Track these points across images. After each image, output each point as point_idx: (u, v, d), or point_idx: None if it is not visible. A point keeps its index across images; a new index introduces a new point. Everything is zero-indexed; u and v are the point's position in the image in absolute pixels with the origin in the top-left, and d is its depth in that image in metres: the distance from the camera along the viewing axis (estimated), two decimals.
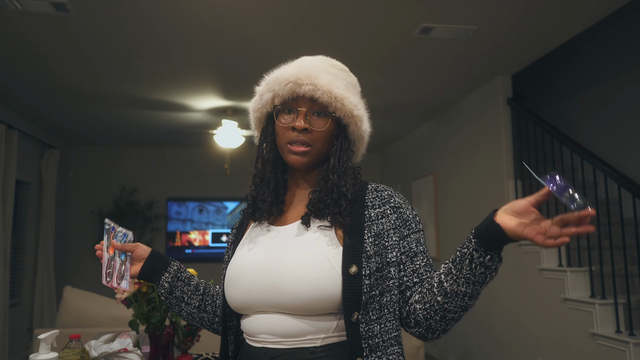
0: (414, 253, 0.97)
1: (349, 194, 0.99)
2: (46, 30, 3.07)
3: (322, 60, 1.06)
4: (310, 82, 0.98)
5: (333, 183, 1.00)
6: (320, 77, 0.99)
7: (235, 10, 2.86)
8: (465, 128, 4.62)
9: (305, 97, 0.99)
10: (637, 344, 2.72)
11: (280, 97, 1.01)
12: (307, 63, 1.03)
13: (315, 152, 1.01)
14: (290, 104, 1.01)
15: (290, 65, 1.04)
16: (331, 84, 0.99)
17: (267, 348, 0.93)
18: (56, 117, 5.13)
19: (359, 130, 1.04)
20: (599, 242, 3.13)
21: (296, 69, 1.01)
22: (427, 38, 3.24)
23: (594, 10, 2.92)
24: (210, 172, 6.76)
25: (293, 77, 0.99)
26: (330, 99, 0.98)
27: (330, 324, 0.92)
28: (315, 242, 0.95)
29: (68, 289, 3.09)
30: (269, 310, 0.94)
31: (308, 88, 0.98)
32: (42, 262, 5.31)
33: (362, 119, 1.04)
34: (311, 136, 0.99)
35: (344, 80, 1.04)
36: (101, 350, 1.44)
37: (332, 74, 1.02)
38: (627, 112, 4.03)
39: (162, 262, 1.12)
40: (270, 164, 1.06)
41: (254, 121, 1.10)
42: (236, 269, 1.00)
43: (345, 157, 1.02)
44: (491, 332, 4.19)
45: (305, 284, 0.89)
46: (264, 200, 1.04)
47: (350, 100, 1.01)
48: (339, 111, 1.00)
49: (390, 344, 0.93)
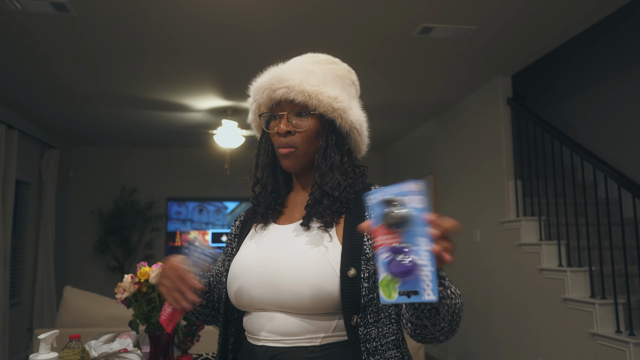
0: None
1: (337, 191, 0.97)
2: (46, 30, 3.07)
3: (303, 60, 1.06)
4: (282, 84, 0.99)
5: (315, 182, 1.00)
6: (291, 77, 0.99)
7: (236, 10, 2.86)
8: (465, 128, 4.63)
9: (283, 100, 1.00)
10: (637, 344, 2.72)
11: (263, 105, 1.03)
12: (282, 67, 1.04)
13: (302, 152, 1.01)
14: (274, 110, 1.02)
15: (266, 72, 1.05)
16: (303, 82, 0.98)
17: (267, 346, 0.94)
18: (56, 117, 5.13)
19: (346, 122, 1.01)
20: (599, 242, 3.13)
21: (269, 75, 1.02)
22: (427, 38, 3.24)
23: (594, 10, 2.92)
24: (210, 172, 6.75)
25: (267, 83, 1.01)
26: (305, 97, 0.98)
27: (330, 323, 0.92)
28: (315, 242, 0.95)
29: (68, 289, 3.09)
30: (269, 309, 0.94)
31: (282, 91, 0.99)
32: (42, 262, 5.31)
33: (345, 110, 1.00)
34: (295, 138, 1.00)
35: (321, 75, 1.01)
36: (101, 351, 1.44)
37: (307, 71, 1.01)
38: (627, 112, 4.03)
39: None
40: (267, 168, 1.08)
41: (255, 130, 1.13)
42: (239, 266, 1.01)
43: (331, 153, 1.00)
44: (491, 332, 4.19)
45: (304, 283, 0.89)
46: (260, 205, 1.07)
47: (327, 94, 0.99)
48: (317, 107, 0.99)
49: (388, 347, 0.92)
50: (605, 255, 3.31)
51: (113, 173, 6.64)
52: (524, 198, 3.89)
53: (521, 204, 3.87)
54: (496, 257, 4.09)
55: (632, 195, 2.95)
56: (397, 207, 0.60)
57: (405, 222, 0.61)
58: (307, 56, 1.08)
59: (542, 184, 3.82)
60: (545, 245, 3.52)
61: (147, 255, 6.49)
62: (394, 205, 0.60)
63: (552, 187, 3.74)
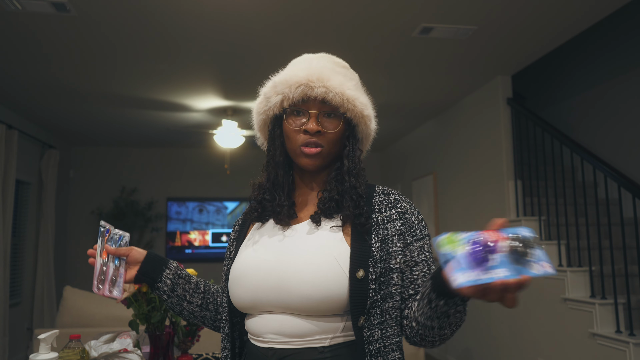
0: (414, 262, 0.96)
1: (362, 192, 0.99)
2: (46, 30, 3.07)
3: (327, 60, 1.05)
4: (322, 84, 0.97)
5: (351, 185, 0.98)
6: (331, 78, 0.98)
7: (236, 10, 2.86)
8: (465, 128, 4.62)
9: (316, 99, 0.98)
10: (637, 344, 2.72)
11: (290, 100, 0.99)
12: (316, 63, 1.02)
13: (327, 153, 1.00)
14: (300, 106, 0.99)
15: (298, 66, 1.02)
16: (343, 85, 0.98)
17: (275, 348, 0.92)
18: (56, 117, 5.13)
19: (367, 129, 1.04)
20: (599, 242, 3.13)
21: (306, 71, 0.99)
22: (427, 38, 3.24)
23: (594, 10, 2.92)
24: (210, 172, 6.76)
25: (304, 79, 0.97)
26: (342, 101, 0.98)
27: (338, 324, 0.91)
28: (323, 242, 0.94)
29: (68, 289, 3.09)
30: (276, 311, 0.93)
31: (320, 90, 0.97)
32: (42, 262, 5.31)
33: (371, 118, 1.04)
34: (323, 138, 0.99)
35: (353, 80, 1.03)
36: (101, 351, 1.44)
37: (342, 75, 1.01)
38: (627, 112, 4.03)
39: (160, 261, 1.10)
40: (282, 167, 1.04)
41: (259, 123, 1.08)
42: (242, 268, 0.99)
43: (357, 158, 1.02)
44: (491, 332, 4.19)
45: (313, 285, 0.88)
46: (282, 205, 1.02)
47: (360, 100, 1.00)
48: (350, 112, 0.99)
49: (391, 349, 0.92)
50: (605, 255, 3.31)
51: (113, 173, 6.64)
52: (524, 198, 3.89)
53: (521, 204, 3.87)
54: None
55: (632, 195, 2.95)
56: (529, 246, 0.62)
57: (527, 250, 0.62)
58: (327, 56, 1.06)
59: (542, 184, 3.82)
60: (545, 245, 3.52)
61: None
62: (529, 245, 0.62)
63: (552, 187, 3.74)
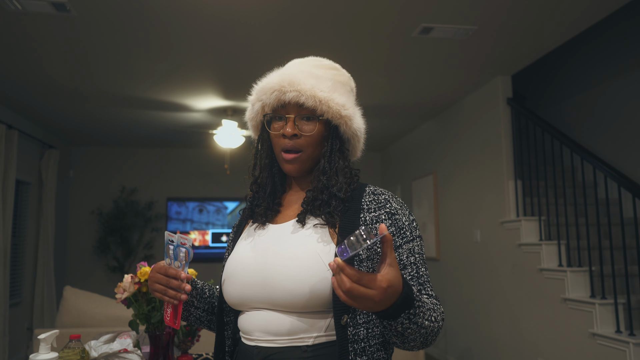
0: (402, 265, 0.96)
1: (342, 193, 1.00)
2: (46, 30, 3.07)
3: (309, 63, 1.07)
4: (294, 88, 0.99)
5: (323, 184, 1.01)
6: (303, 82, 1.00)
7: (235, 10, 2.86)
8: (465, 128, 4.63)
9: (292, 103, 1.01)
10: (637, 344, 2.72)
11: (268, 106, 1.04)
12: (291, 69, 1.05)
13: (307, 156, 1.03)
14: (279, 111, 1.03)
15: (274, 73, 1.06)
16: (314, 87, 1.00)
17: (260, 347, 0.94)
18: (56, 117, 5.13)
19: (349, 129, 1.04)
20: (599, 242, 3.13)
21: (279, 77, 1.02)
22: (427, 38, 3.24)
23: (593, 10, 2.92)
24: (210, 172, 6.76)
25: (277, 85, 1.01)
26: (315, 103, 0.99)
27: (322, 323, 0.92)
28: (308, 239, 0.96)
29: (68, 289, 3.09)
30: (262, 307, 0.95)
31: (292, 95, 0.99)
32: (42, 262, 5.31)
33: (351, 117, 1.04)
34: (301, 141, 1.01)
35: (330, 81, 1.04)
36: (101, 351, 1.44)
37: (317, 77, 1.03)
38: (627, 112, 4.03)
39: None
40: (266, 170, 1.09)
41: (252, 129, 1.13)
42: (233, 265, 1.02)
43: (336, 158, 1.03)
44: (491, 332, 4.19)
45: (297, 280, 0.90)
46: (259, 205, 1.08)
47: (336, 100, 1.01)
48: (326, 113, 1.01)
49: (377, 349, 0.93)
50: (605, 255, 3.31)
51: (113, 173, 6.64)
52: (524, 198, 3.89)
53: (521, 204, 3.87)
54: (496, 257, 4.09)
55: (632, 195, 2.95)
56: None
57: None
58: (311, 60, 1.09)
59: (542, 184, 3.82)
60: (545, 245, 3.52)
61: (147, 255, 6.50)
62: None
63: (552, 187, 3.74)
